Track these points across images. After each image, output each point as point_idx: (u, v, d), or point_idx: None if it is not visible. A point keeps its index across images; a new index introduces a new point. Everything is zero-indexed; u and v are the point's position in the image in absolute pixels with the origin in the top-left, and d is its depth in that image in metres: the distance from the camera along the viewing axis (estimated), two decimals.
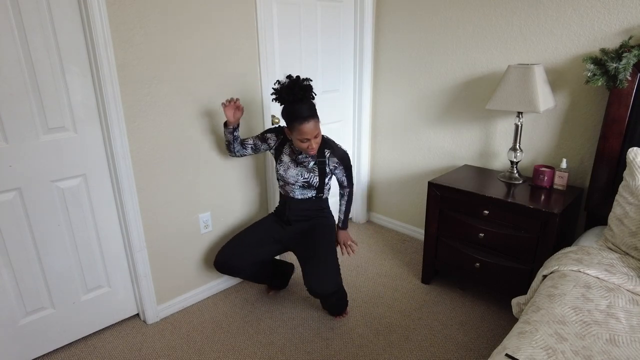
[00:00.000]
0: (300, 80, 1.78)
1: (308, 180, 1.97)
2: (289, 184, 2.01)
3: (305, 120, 1.75)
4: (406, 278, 2.46)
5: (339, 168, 1.99)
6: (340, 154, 1.98)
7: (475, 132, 2.47)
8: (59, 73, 1.64)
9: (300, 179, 1.98)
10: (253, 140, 2.03)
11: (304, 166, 1.96)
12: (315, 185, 1.99)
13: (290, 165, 1.98)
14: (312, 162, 1.95)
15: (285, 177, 2.00)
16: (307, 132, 1.76)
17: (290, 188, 2.02)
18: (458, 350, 1.88)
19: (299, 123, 1.75)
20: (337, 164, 1.98)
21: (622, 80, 1.75)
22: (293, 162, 1.97)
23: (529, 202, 1.89)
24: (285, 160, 1.99)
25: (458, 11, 2.37)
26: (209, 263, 2.30)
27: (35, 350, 1.83)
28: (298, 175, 1.97)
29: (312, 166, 1.96)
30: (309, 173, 1.97)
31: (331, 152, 1.95)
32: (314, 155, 1.90)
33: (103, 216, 1.90)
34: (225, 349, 1.91)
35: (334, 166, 1.98)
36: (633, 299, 1.34)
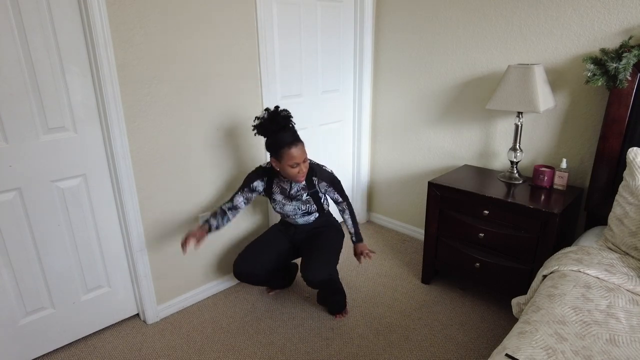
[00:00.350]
0: (280, 111, 1.83)
1: (307, 210, 2.02)
2: (289, 216, 2.05)
3: (293, 144, 1.79)
4: (406, 278, 2.46)
5: (330, 189, 2.02)
6: (327, 175, 2.01)
7: (475, 132, 2.47)
8: (59, 73, 1.64)
9: (299, 212, 2.02)
10: (243, 197, 1.99)
11: (298, 200, 1.99)
12: (314, 211, 2.04)
13: (284, 202, 2.00)
14: (305, 194, 1.97)
15: (283, 212, 2.04)
16: (297, 156, 1.79)
17: (292, 218, 2.06)
18: (458, 350, 1.88)
19: (288, 148, 1.78)
20: (327, 186, 2.01)
21: (622, 80, 1.75)
22: (287, 198, 1.99)
23: (529, 202, 1.89)
24: (278, 199, 2.01)
25: (458, 11, 2.37)
26: (209, 263, 2.30)
27: (35, 350, 1.83)
28: (296, 209, 2.01)
29: (306, 198, 1.99)
30: (306, 204, 2.00)
31: (318, 177, 1.98)
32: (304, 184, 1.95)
33: (103, 216, 1.90)
34: (225, 349, 1.91)
35: (324, 190, 2.02)
36: (633, 299, 1.34)
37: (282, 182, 1.97)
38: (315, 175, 1.97)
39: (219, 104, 2.12)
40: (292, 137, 1.81)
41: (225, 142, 2.19)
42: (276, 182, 1.99)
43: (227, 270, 2.40)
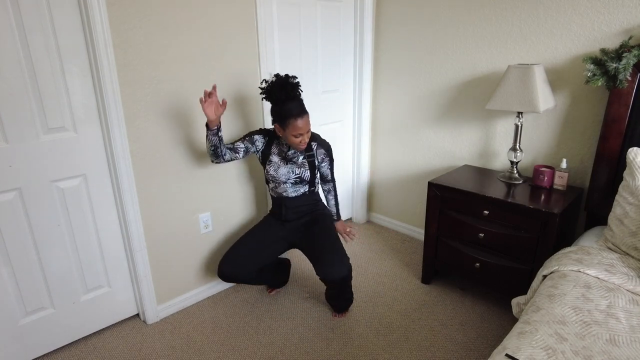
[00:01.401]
0: (290, 78, 1.84)
1: (300, 175, 2.00)
2: (280, 182, 2.02)
3: (299, 116, 1.82)
4: (406, 278, 2.46)
5: (326, 160, 2.06)
6: (327, 145, 2.05)
7: (475, 132, 2.47)
8: (59, 73, 1.64)
9: (292, 176, 2.00)
10: (244, 144, 1.97)
11: (293, 162, 1.99)
12: (307, 179, 2.03)
13: (280, 164, 2.00)
14: (301, 156, 2.00)
15: (276, 176, 2.01)
16: (302, 127, 1.83)
17: (283, 187, 2.03)
18: (458, 350, 1.88)
19: (294, 119, 1.81)
20: (325, 155, 2.04)
21: (622, 80, 1.75)
22: (282, 160, 2.00)
23: (529, 202, 1.89)
24: (274, 160, 2.01)
25: (458, 11, 2.37)
26: (209, 263, 2.30)
27: (35, 350, 1.83)
28: (289, 172, 2.00)
29: (302, 161, 2.00)
30: (300, 168, 2.00)
31: (317, 144, 2.02)
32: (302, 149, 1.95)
33: (103, 216, 1.90)
34: (225, 349, 1.91)
35: (321, 158, 2.04)
36: (633, 299, 1.34)
37: (282, 145, 1.99)
38: (314, 141, 2.01)
39: None
40: (299, 108, 1.83)
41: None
42: (276, 143, 2.01)
43: None
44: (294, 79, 1.85)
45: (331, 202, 2.19)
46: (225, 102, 1.79)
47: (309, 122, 1.86)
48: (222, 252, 2.34)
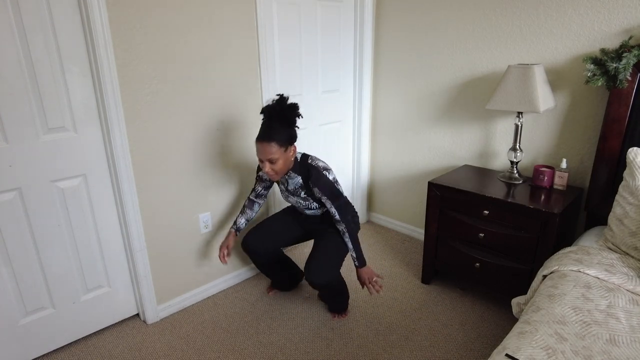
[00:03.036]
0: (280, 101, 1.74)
1: (306, 206, 1.99)
2: (296, 206, 2.04)
3: (259, 139, 1.73)
4: (406, 278, 2.46)
5: (325, 200, 1.86)
6: (323, 183, 1.84)
7: (475, 132, 2.47)
8: (59, 73, 1.64)
9: (301, 206, 2.01)
10: (261, 186, 2.06)
11: (297, 195, 1.96)
12: (316, 206, 2.00)
13: (287, 194, 1.99)
14: (302, 191, 1.92)
15: (288, 202, 2.06)
16: (260, 151, 1.73)
17: (300, 208, 2.05)
18: (458, 350, 1.88)
19: (257, 140, 1.74)
20: (320, 194, 1.85)
21: (622, 80, 1.75)
22: (287, 191, 1.98)
23: (529, 202, 1.89)
24: (281, 189, 2.01)
25: (458, 11, 2.37)
26: (209, 263, 2.30)
27: (35, 350, 1.83)
28: (298, 202, 1.99)
29: (304, 195, 1.94)
30: (305, 201, 1.96)
31: (312, 182, 1.84)
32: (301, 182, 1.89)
33: (103, 216, 1.90)
34: (225, 349, 1.91)
35: (318, 196, 1.87)
36: (633, 299, 1.34)
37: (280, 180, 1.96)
38: (310, 177, 1.85)
39: (219, 104, 2.11)
40: (264, 132, 1.72)
41: (225, 142, 2.19)
42: None
43: (227, 270, 2.40)
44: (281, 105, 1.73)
45: (348, 244, 1.93)
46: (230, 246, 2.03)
47: (269, 152, 1.70)
48: None
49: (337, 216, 1.87)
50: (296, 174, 1.88)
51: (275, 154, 1.72)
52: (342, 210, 1.88)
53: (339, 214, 1.87)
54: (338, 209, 1.87)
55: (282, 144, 1.72)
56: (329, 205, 1.87)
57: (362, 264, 1.92)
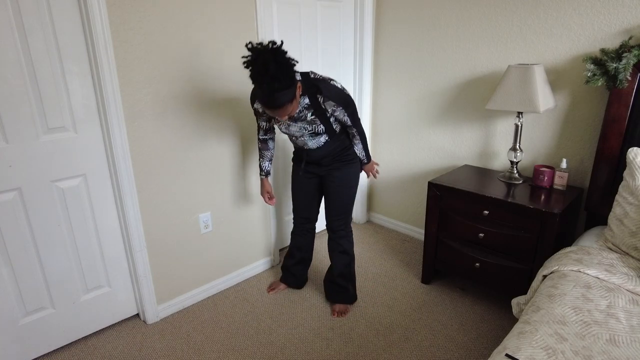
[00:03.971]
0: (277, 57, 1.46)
1: (313, 130, 1.82)
2: (297, 137, 1.88)
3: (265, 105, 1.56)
4: (406, 278, 2.46)
5: (339, 109, 1.76)
6: (335, 94, 1.73)
7: (475, 132, 2.47)
8: (59, 73, 1.64)
9: (305, 132, 1.83)
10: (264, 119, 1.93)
11: (302, 120, 1.78)
12: (323, 132, 1.84)
13: (289, 123, 1.81)
14: (309, 113, 1.75)
15: (289, 133, 1.87)
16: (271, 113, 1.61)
17: (302, 140, 1.89)
18: (458, 351, 1.88)
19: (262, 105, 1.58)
20: (335, 106, 1.75)
21: (622, 80, 1.75)
22: (290, 118, 1.78)
23: (529, 202, 1.89)
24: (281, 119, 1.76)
25: (458, 11, 2.37)
26: (209, 263, 2.30)
27: (35, 350, 1.83)
28: (302, 129, 1.82)
29: (311, 118, 1.77)
30: (311, 124, 1.80)
31: (324, 97, 1.71)
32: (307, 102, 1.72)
33: (103, 216, 1.90)
34: (225, 349, 1.91)
35: (332, 109, 1.76)
36: (633, 299, 1.34)
37: None
38: (320, 93, 1.70)
39: (219, 104, 2.11)
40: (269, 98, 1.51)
41: (225, 142, 2.19)
42: None
43: (227, 270, 2.40)
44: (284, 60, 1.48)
45: (358, 147, 1.97)
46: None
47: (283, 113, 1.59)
48: (222, 252, 2.34)
49: (349, 122, 1.85)
50: (303, 96, 1.73)
51: (289, 110, 1.61)
52: (355, 116, 1.86)
53: (352, 121, 1.85)
54: (351, 116, 1.83)
55: (291, 98, 1.56)
56: (343, 114, 1.79)
57: (369, 160, 2.07)
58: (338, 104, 1.75)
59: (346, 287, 2.15)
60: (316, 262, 2.67)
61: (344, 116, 1.81)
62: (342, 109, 1.77)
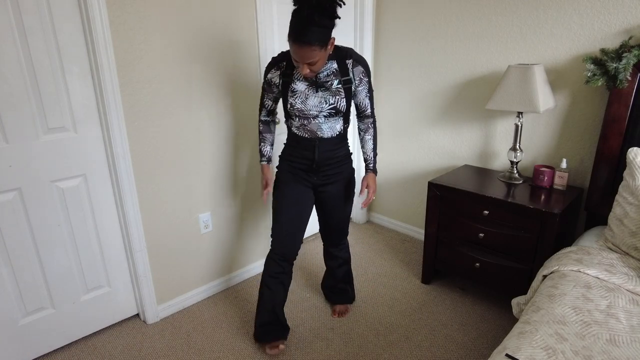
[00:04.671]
0: None
1: (335, 105, 1.61)
2: (311, 117, 1.63)
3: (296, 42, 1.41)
4: (406, 278, 2.46)
5: (364, 82, 1.64)
6: (364, 61, 1.63)
7: (475, 132, 2.47)
8: (59, 73, 1.64)
9: (325, 107, 1.60)
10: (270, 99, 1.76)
11: (326, 88, 1.59)
12: (343, 110, 1.64)
13: (308, 93, 1.60)
14: (336, 81, 1.59)
15: (305, 109, 1.62)
16: (296, 53, 1.44)
17: (316, 124, 1.64)
18: (458, 350, 1.88)
19: (292, 40, 1.42)
20: (363, 75, 1.62)
21: (622, 80, 1.75)
22: (311, 87, 1.60)
23: (529, 202, 1.89)
24: (299, 88, 1.61)
25: (458, 11, 2.37)
26: (209, 263, 2.30)
27: (35, 350, 1.83)
28: (322, 102, 1.60)
29: (337, 86, 1.59)
30: (335, 96, 1.60)
31: (353, 60, 1.59)
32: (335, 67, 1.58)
33: (103, 216, 1.90)
34: (225, 349, 1.91)
35: (359, 79, 1.62)
36: (633, 299, 1.34)
37: None
38: (349, 57, 1.59)
39: (219, 105, 2.11)
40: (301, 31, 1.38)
41: (225, 143, 2.19)
42: None
43: (227, 270, 2.40)
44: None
45: (368, 144, 1.76)
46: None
47: (310, 56, 1.43)
48: (222, 252, 2.34)
49: (369, 108, 1.73)
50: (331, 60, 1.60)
51: (315, 57, 1.44)
52: (373, 101, 1.74)
53: (371, 107, 1.73)
54: (371, 101, 1.72)
55: (323, 44, 1.43)
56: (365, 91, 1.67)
57: (375, 170, 1.80)
58: (366, 72, 1.63)
59: (346, 288, 2.15)
60: (312, 266, 2.67)
61: (366, 96, 1.68)
62: (367, 85, 1.66)
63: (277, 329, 1.85)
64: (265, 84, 1.73)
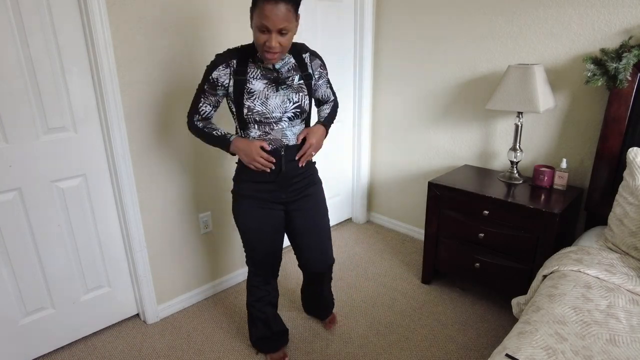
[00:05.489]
0: None
1: (300, 103, 1.46)
2: (273, 122, 1.43)
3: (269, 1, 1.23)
4: (406, 278, 2.46)
5: (323, 74, 1.58)
6: (319, 54, 1.56)
7: (475, 132, 2.47)
8: (59, 73, 1.64)
9: (289, 106, 1.44)
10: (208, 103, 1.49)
11: (288, 85, 1.44)
12: (307, 110, 1.50)
13: (269, 93, 1.41)
14: (297, 76, 1.46)
15: (266, 112, 1.41)
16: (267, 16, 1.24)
17: (279, 130, 1.45)
18: (458, 351, 1.88)
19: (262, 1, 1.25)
20: (322, 68, 1.55)
21: (622, 80, 1.75)
22: (271, 85, 1.42)
23: (529, 202, 1.89)
24: (257, 88, 1.41)
25: (458, 11, 2.37)
26: (209, 263, 2.30)
27: (35, 350, 1.83)
28: (285, 101, 1.43)
29: (299, 82, 1.46)
30: (298, 93, 1.45)
31: (310, 54, 1.51)
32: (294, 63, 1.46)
33: (103, 216, 1.90)
34: (225, 349, 1.91)
35: (318, 73, 1.54)
36: (633, 299, 1.34)
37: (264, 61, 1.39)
38: (304, 51, 1.49)
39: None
40: None
41: None
42: (253, 61, 1.41)
43: (227, 270, 2.40)
44: None
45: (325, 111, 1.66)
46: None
47: (285, 19, 1.26)
48: (222, 252, 2.34)
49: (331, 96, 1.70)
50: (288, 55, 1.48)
51: (289, 23, 1.28)
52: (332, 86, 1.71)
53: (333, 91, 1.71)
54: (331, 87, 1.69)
55: (296, 10, 1.30)
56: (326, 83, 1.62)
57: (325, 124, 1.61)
58: (324, 64, 1.56)
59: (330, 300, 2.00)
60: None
61: (327, 87, 1.62)
62: (326, 74, 1.60)
63: (276, 338, 1.80)
64: (205, 85, 1.44)
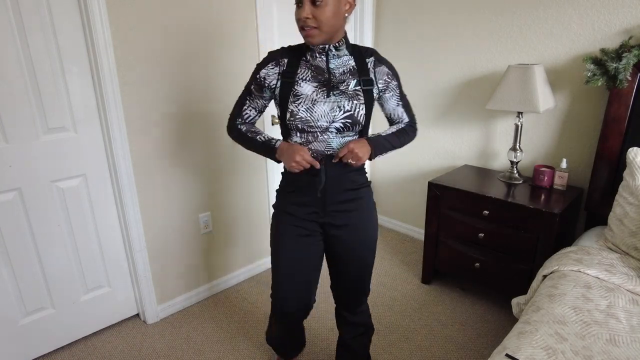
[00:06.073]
0: None
1: (352, 112, 1.22)
2: (318, 132, 1.23)
3: None
4: (406, 278, 2.46)
5: (392, 86, 1.30)
6: (389, 62, 1.31)
7: (475, 132, 2.47)
8: (59, 73, 1.64)
9: (338, 115, 1.22)
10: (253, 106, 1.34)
11: (341, 91, 1.22)
12: (362, 122, 1.25)
13: (317, 99, 1.22)
14: (353, 81, 1.23)
15: (310, 120, 1.22)
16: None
17: (324, 141, 1.24)
18: (458, 351, 1.88)
19: None
20: (390, 77, 1.29)
21: (622, 80, 1.75)
22: (321, 88, 1.22)
23: (529, 202, 1.89)
24: (304, 91, 1.23)
25: (458, 11, 2.37)
26: (209, 263, 2.30)
27: (35, 350, 1.83)
28: (335, 109, 1.22)
29: (355, 88, 1.23)
30: (351, 100, 1.23)
31: (375, 60, 1.27)
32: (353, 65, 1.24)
33: (103, 216, 1.90)
34: (225, 349, 1.91)
35: (384, 82, 1.28)
36: (633, 299, 1.34)
37: (316, 59, 1.22)
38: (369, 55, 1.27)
39: (220, 106, 2.11)
40: None
41: (225, 144, 2.19)
42: (305, 61, 1.24)
43: (227, 270, 2.40)
44: None
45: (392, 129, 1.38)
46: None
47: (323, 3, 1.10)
48: (222, 252, 2.34)
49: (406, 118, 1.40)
50: (346, 51, 1.25)
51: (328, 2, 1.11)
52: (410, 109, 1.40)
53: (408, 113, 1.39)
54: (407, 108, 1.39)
55: None
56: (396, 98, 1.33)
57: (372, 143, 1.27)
58: (393, 74, 1.29)
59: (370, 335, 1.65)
60: None
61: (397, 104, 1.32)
62: (397, 87, 1.31)
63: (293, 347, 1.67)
64: (252, 85, 1.30)
